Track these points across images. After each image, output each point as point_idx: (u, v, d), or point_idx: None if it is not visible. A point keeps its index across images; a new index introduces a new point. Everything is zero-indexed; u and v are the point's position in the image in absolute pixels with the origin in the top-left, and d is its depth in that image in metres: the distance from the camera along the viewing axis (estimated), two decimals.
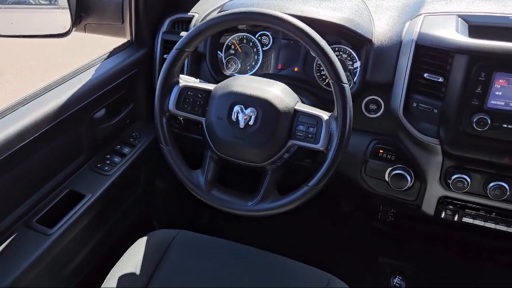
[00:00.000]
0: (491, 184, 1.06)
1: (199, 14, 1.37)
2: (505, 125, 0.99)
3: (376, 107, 1.18)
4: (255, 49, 1.31)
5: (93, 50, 1.90)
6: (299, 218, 1.78)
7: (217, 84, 1.07)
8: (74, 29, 1.34)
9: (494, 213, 1.13)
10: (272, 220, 1.30)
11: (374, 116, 1.19)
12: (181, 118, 1.30)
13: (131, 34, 1.40)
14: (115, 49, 1.39)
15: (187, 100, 1.06)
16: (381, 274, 1.57)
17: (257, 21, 1.03)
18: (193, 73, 1.32)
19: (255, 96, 1.00)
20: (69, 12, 1.30)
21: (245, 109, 0.99)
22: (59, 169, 1.21)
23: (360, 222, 1.77)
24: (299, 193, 0.99)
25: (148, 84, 1.43)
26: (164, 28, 1.39)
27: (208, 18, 1.04)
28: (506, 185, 1.05)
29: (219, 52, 1.33)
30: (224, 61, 1.34)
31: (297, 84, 1.21)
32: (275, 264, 1.12)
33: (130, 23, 1.38)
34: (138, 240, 1.16)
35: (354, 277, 1.41)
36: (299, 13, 1.16)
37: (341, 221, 1.83)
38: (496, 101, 0.99)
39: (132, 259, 1.10)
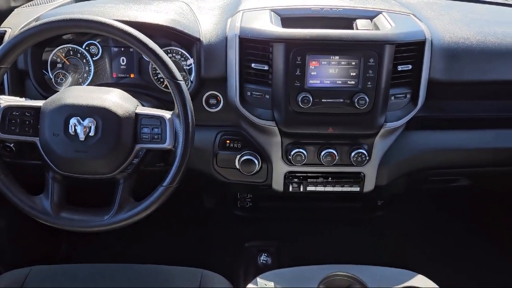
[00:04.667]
0: (323, 153, 1.22)
1: (12, 28, 1.25)
2: (324, 100, 1.15)
3: (216, 101, 1.25)
4: (84, 60, 1.25)
5: None
6: (165, 223, 1.77)
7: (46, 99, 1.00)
8: None
9: (330, 178, 1.29)
10: (137, 230, 1.27)
11: (216, 110, 1.25)
12: (11, 144, 1.17)
13: None
14: None
15: (14, 121, 0.97)
16: (250, 257, 1.66)
17: (82, 29, 0.99)
18: (17, 93, 1.20)
19: (92, 105, 0.97)
20: None
21: (83, 121, 0.95)
22: None
23: (223, 214, 1.84)
24: (155, 195, 1.00)
25: None
26: None
27: (25, 29, 0.96)
28: (334, 151, 1.22)
29: (44, 71, 1.23)
30: (52, 77, 1.25)
31: (136, 90, 1.21)
32: (144, 275, 1.10)
33: None
34: None
35: (226, 266, 1.47)
36: (124, 18, 1.15)
37: (206, 217, 1.87)
38: (313, 80, 1.13)
39: None
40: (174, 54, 1.24)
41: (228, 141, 1.26)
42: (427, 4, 1.40)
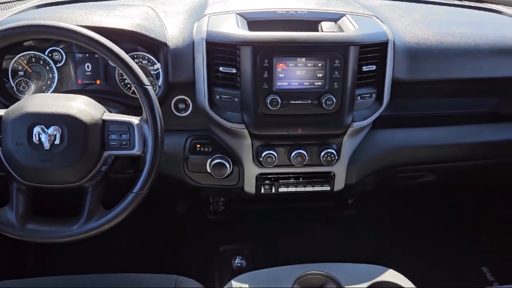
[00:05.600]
0: (293, 154, 1.23)
1: None
2: (292, 102, 1.16)
3: (185, 105, 1.24)
4: (47, 67, 1.22)
5: None
6: (138, 231, 1.75)
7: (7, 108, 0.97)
8: None
9: (301, 178, 1.31)
10: (108, 239, 1.25)
11: (185, 114, 1.25)
12: None
13: None
14: None
15: None
16: (224, 260, 1.66)
17: (44, 35, 0.98)
18: None
19: (56, 113, 0.94)
20: None
21: (47, 129, 0.93)
22: None
23: (196, 219, 1.83)
24: (126, 202, 0.98)
25: None
26: None
27: None
28: (304, 152, 1.24)
29: (5, 80, 1.20)
30: (13, 85, 1.21)
31: (103, 97, 1.19)
32: (117, 284, 1.08)
33: None
34: None
35: (200, 271, 1.46)
36: (88, 24, 1.13)
37: (179, 223, 1.86)
38: (281, 83, 1.15)
39: None
40: (140, 59, 1.22)
41: (198, 145, 1.26)
42: (388, 6, 1.45)
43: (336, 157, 1.24)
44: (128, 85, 1.24)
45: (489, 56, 1.28)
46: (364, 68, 1.18)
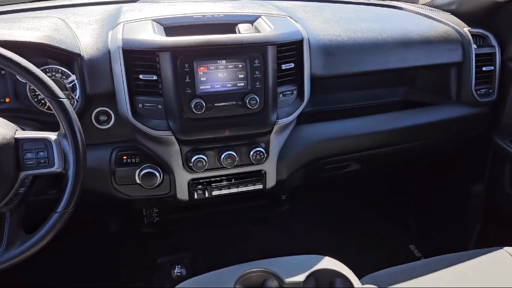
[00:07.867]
0: (223, 156, 1.24)
1: None
2: (217, 104, 1.17)
3: (106, 117, 1.20)
4: None
5: None
6: (71, 254, 1.65)
7: None
8: None
9: (233, 179, 1.32)
10: (40, 265, 1.17)
11: (107, 126, 1.20)
12: None
13: None
14: None
15: None
16: (163, 272, 1.62)
17: None
18: None
19: None
20: None
21: None
22: None
23: (130, 234, 1.77)
24: (50, 223, 0.93)
25: None
26: None
27: None
28: (234, 153, 1.25)
29: None
30: None
31: (14, 115, 1.11)
32: None
33: None
34: None
35: (140, 286, 1.42)
36: None
37: (113, 240, 1.79)
38: (204, 86, 1.15)
39: None
40: (53, 73, 1.16)
41: (125, 157, 1.22)
42: (300, 7, 1.51)
43: (265, 155, 1.27)
44: (42, 101, 1.17)
45: (395, 49, 1.39)
46: (283, 66, 1.22)
